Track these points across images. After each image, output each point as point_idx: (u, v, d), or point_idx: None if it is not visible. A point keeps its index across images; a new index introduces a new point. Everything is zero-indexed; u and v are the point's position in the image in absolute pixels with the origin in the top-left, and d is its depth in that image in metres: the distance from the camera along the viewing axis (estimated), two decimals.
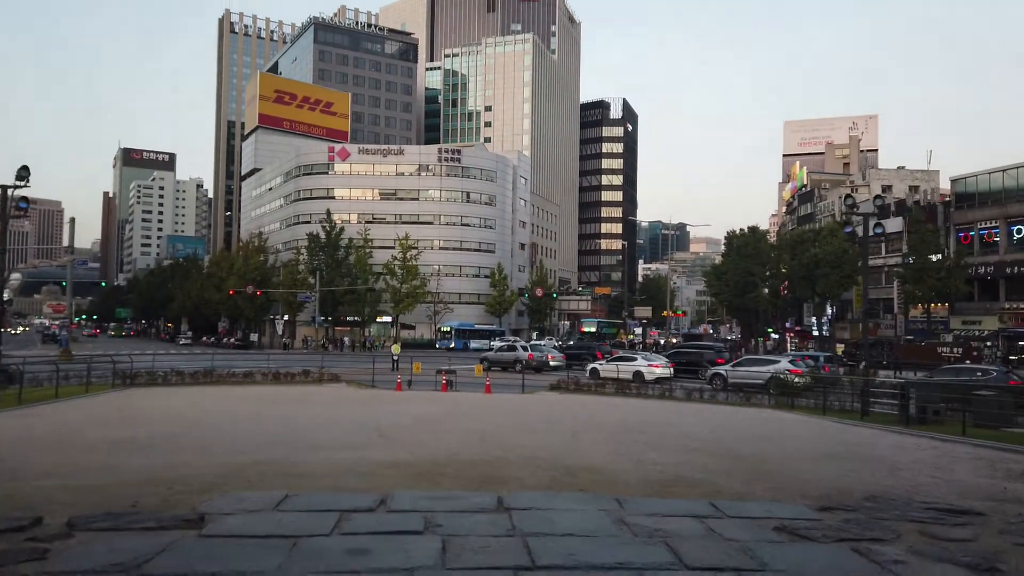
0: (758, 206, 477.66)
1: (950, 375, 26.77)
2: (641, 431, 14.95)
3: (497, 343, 65.85)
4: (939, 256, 58.06)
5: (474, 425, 15.36)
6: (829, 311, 72.53)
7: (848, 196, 21.31)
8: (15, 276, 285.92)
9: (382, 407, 19.63)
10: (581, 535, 6.18)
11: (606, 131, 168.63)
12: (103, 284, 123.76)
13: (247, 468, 9.51)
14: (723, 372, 31.51)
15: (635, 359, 36.38)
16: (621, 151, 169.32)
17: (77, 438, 12.73)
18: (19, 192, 19.89)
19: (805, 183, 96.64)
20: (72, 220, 46.11)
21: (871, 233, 22.20)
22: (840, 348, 62.73)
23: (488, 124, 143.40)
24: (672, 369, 34.40)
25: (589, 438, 13.40)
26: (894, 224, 67.25)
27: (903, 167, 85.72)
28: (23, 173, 19.38)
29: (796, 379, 26.76)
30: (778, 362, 31.40)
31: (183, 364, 32.62)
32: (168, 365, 31.80)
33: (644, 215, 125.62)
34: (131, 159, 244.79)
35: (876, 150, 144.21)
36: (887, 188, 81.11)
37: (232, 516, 6.67)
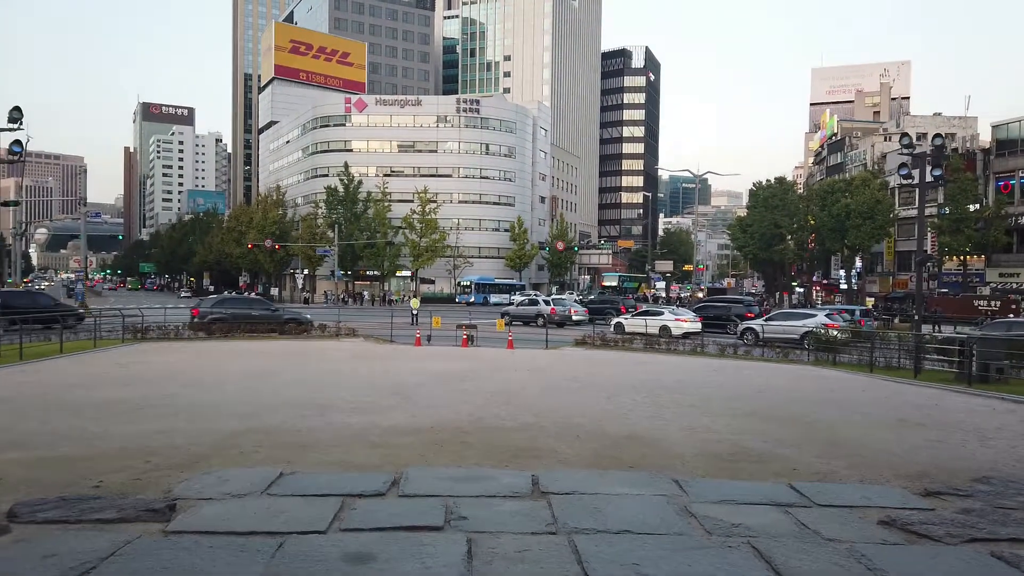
0: (782, 157, 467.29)
1: (1000, 329, 25.13)
2: (681, 391, 13.64)
3: (518, 297, 64.70)
4: (977, 206, 55.69)
5: (499, 384, 14.14)
6: (858, 264, 70.43)
7: (904, 135, 19.46)
8: (41, 231, 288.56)
9: (400, 363, 18.49)
10: (641, 532, 4.90)
11: (628, 81, 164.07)
12: (120, 238, 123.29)
13: (243, 436, 8.33)
14: (756, 327, 30.07)
15: (662, 313, 34.97)
16: (643, 102, 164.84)
17: (66, 399, 11.65)
18: (14, 135, 18.61)
19: (835, 132, 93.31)
20: (85, 171, 45.03)
21: (929, 178, 20.41)
22: (870, 302, 60.82)
23: (507, 74, 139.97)
24: (700, 324, 33.01)
25: (627, 399, 12.10)
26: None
27: (939, 114, 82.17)
28: (15, 115, 18.08)
29: (834, 333, 25.31)
30: (814, 316, 29.87)
31: None
32: (182, 319, 30.86)
33: (667, 166, 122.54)
34: (150, 114, 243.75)
35: (908, 98, 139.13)
36: (922, 136, 77.80)
37: (210, 503, 5.47)
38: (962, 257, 55.71)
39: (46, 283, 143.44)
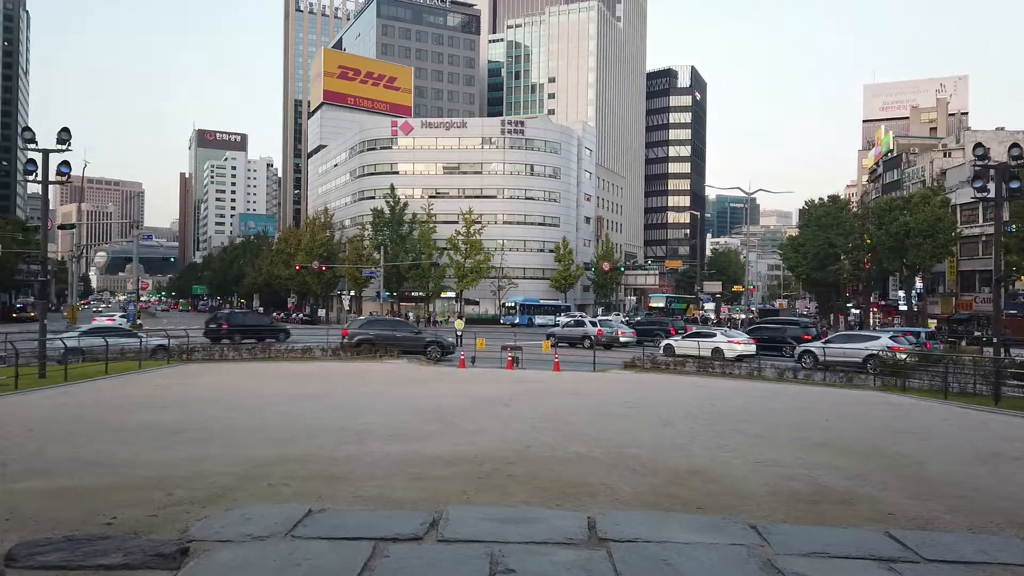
0: (833, 176, 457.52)
1: None
2: (742, 418, 12.72)
3: (563, 318, 63.84)
4: None
5: (545, 409, 13.42)
6: (918, 284, 67.73)
7: (978, 145, 18.29)
8: (100, 255, 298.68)
9: (443, 387, 17.91)
10: None
11: (673, 100, 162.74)
12: (172, 260, 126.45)
13: (275, 465, 7.79)
14: (815, 350, 28.76)
15: (714, 335, 33.81)
16: (689, 121, 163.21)
17: (100, 423, 11.33)
18: (61, 155, 18.72)
19: (891, 148, 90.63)
20: (141, 195, 46.02)
21: (1006, 190, 19.12)
22: (933, 323, 58.36)
23: (552, 96, 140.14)
24: (754, 346, 31.77)
25: (684, 428, 11.27)
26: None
27: (1002, 128, 79.08)
28: (63, 136, 18.19)
29: (901, 357, 23.94)
30: (877, 338, 28.43)
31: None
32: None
33: (712, 188, 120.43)
34: (205, 140, 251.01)
35: (966, 113, 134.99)
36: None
37: (227, 547, 4.89)
38: None
39: (103, 305, 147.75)
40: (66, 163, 18.69)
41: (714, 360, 27.69)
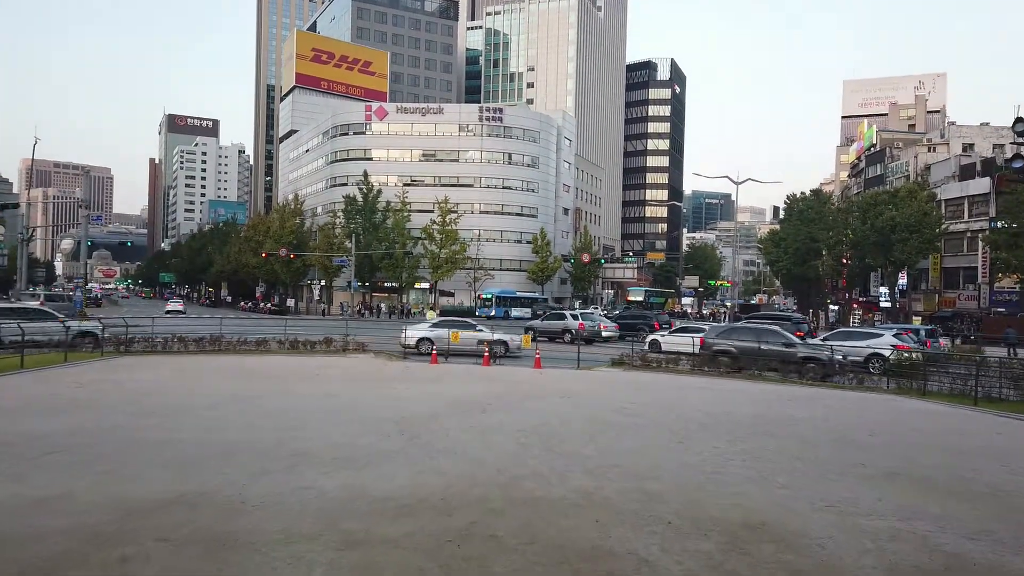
0: (809, 171, 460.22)
1: None
2: (767, 432, 10.56)
3: (542, 311, 61.63)
4: None
5: (532, 418, 11.15)
6: (902, 281, 66.58)
7: (1019, 120, 16.26)
8: (67, 241, 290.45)
9: (411, 387, 15.57)
10: None
11: (653, 93, 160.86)
12: (128, 244, 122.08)
13: (154, 513, 5.43)
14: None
15: (703, 330, 31.73)
16: (668, 114, 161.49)
17: None
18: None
19: (875, 143, 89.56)
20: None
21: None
22: (917, 320, 57.12)
23: (531, 85, 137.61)
24: None
25: (706, 446, 9.05)
26: (979, 185, 61.13)
27: (987, 123, 78.29)
28: None
29: (908, 356, 22.06)
30: (879, 336, 26.54)
31: (200, 329, 28.95)
32: (177, 330, 28.17)
33: (690, 182, 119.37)
34: (176, 125, 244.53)
35: (938, 111, 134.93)
36: (968, 146, 74.05)
37: None
38: (1021, 275, 51.88)
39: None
40: None
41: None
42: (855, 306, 78.72)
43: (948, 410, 14.72)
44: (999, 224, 52.25)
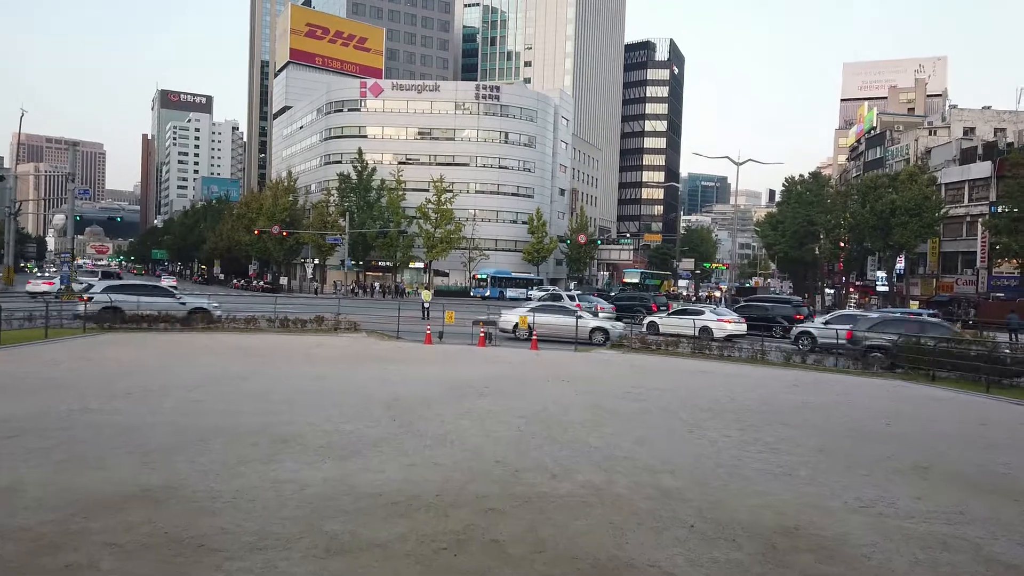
0: (807, 154, 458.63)
1: None
2: (778, 419, 9.99)
3: (536, 292, 60.98)
4: None
5: (531, 403, 10.55)
6: (900, 265, 66.14)
7: None
8: (59, 217, 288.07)
9: (403, 367, 14.95)
10: None
11: (651, 74, 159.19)
12: (119, 220, 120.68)
13: (115, 509, 4.80)
14: (813, 331, 26.37)
15: (702, 312, 31.16)
16: (666, 95, 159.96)
17: None
18: None
19: (875, 125, 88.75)
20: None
21: None
22: (914, 305, 56.76)
23: (528, 64, 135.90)
24: (745, 325, 29.28)
25: (718, 435, 8.47)
26: (981, 169, 60.53)
27: (989, 107, 77.48)
28: None
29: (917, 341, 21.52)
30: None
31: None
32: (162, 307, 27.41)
33: (686, 165, 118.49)
34: (169, 101, 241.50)
35: (939, 95, 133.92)
36: (969, 130, 73.29)
37: None
38: (1022, 260, 51.39)
39: (52, 268, 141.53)
40: None
41: (701, 339, 25.15)
42: (851, 290, 78.41)
43: (961, 397, 14.18)
44: (1000, 209, 51.76)
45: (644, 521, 4.97)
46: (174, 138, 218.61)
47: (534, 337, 21.89)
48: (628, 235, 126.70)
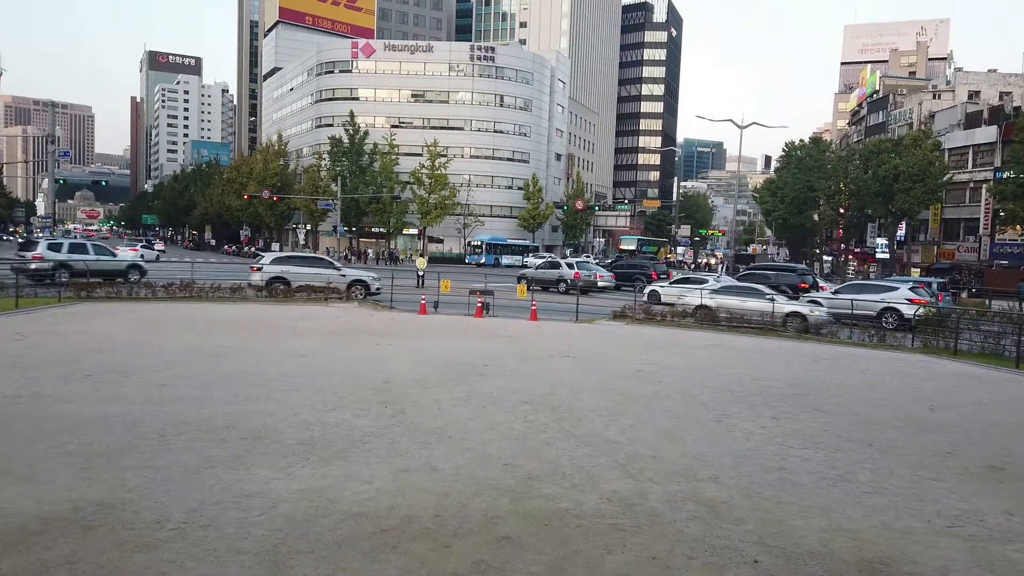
0: (804, 118, 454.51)
1: None
2: (815, 406, 9.03)
3: (532, 259, 59.86)
4: None
5: (537, 384, 9.56)
6: (901, 232, 65.19)
7: None
8: (48, 182, 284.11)
9: (398, 342, 13.94)
10: None
11: (648, 36, 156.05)
12: (104, 184, 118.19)
13: (22, 546, 3.80)
14: (821, 301, 25.46)
15: (705, 281, 30.22)
16: (664, 58, 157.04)
17: None
18: None
19: (877, 89, 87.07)
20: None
21: None
22: (915, 272, 55.88)
23: (523, 24, 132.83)
24: None
25: (750, 425, 7.50)
26: (986, 133, 59.27)
27: (994, 70, 75.90)
28: None
29: (923, 310, 20.71)
30: (895, 289, 25.07)
31: (181, 273, 27.08)
32: (154, 275, 26.31)
33: (682, 130, 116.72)
34: (157, 63, 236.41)
35: (944, 58, 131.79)
36: (974, 94, 71.82)
37: None
38: None
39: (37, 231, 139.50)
40: None
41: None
42: (850, 257, 77.59)
43: (994, 374, 13.27)
44: (1005, 174, 50.68)
45: (695, 554, 3.98)
46: (163, 101, 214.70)
47: (533, 307, 20.88)
48: (625, 201, 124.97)
